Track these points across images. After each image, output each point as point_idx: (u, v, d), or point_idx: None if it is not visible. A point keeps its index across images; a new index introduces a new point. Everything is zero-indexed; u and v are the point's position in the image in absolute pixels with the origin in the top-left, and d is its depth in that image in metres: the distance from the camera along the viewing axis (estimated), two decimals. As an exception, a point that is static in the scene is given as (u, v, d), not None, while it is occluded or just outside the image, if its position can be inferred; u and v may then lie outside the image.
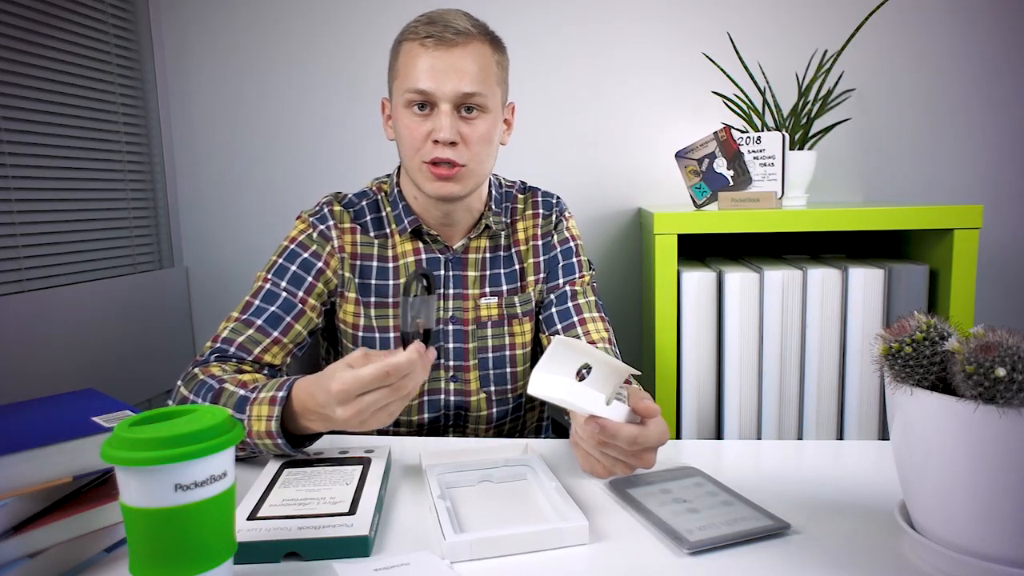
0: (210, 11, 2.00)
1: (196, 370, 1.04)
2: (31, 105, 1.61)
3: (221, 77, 2.03)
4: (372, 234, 1.22)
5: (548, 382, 0.83)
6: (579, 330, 1.21)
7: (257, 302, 1.13)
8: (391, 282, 1.21)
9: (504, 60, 1.18)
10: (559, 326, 1.23)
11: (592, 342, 1.19)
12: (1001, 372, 0.57)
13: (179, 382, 1.04)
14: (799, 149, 1.70)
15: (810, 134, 1.71)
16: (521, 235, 1.28)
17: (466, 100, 1.10)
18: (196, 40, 2.02)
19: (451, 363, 1.23)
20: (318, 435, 0.96)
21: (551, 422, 1.48)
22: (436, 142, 1.09)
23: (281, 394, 0.91)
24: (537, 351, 1.31)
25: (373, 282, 1.21)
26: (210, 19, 2.00)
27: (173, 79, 2.04)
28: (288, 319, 1.13)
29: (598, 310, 1.25)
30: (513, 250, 1.27)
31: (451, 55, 1.08)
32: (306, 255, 1.17)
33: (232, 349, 1.08)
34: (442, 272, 1.22)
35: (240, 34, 2.00)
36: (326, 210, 1.21)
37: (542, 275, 1.28)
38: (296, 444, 0.94)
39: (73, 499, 0.71)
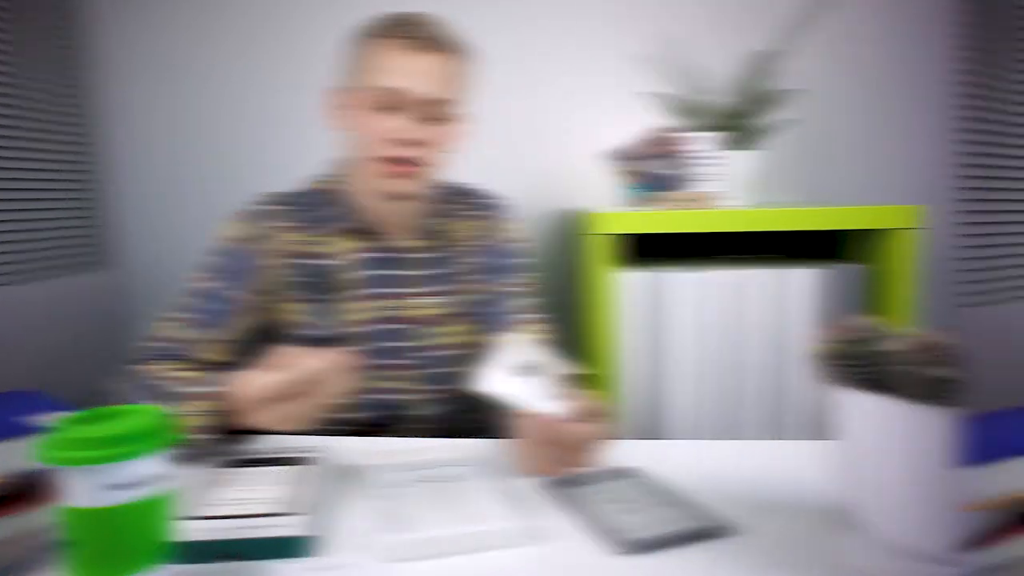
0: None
1: (136, 369, 1.04)
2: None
3: (158, 73, 1.96)
4: (309, 232, 1.20)
5: (494, 379, 0.85)
6: (516, 331, 1.21)
7: (193, 300, 1.12)
8: (329, 279, 1.19)
9: (470, 73, 1.19)
10: (497, 327, 1.22)
11: None
12: (938, 372, 0.58)
13: (118, 381, 1.03)
14: (738, 150, 1.71)
15: (749, 135, 1.73)
16: (460, 235, 1.27)
17: (435, 105, 1.10)
18: (133, 29, 1.95)
19: (390, 362, 1.21)
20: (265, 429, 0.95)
21: (491, 423, 1.46)
22: (400, 141, 1.09)
23: (217, 389, 0.92)
24: (476, 352, 1.30)
25: (311, 280, 1.19)
26: (148, 10, 1.94)
27: (111, 74, 1.97)
28: (225, 317, 1.12)
29: (536, 311, 1.25)
30: (452, 250, 1.26)
31: (429, 59, 1.09)
32: (242, 252, 1.15)
33: (171, 347, 1.08)
34: (383, 271, 1.21)
35: (180, 31, 1.95)
36: (262, 208, 1.19)
37: (480, 275, 1.27)
38: (240, 433, 0.95)
39: (4, 501, 0.69)
